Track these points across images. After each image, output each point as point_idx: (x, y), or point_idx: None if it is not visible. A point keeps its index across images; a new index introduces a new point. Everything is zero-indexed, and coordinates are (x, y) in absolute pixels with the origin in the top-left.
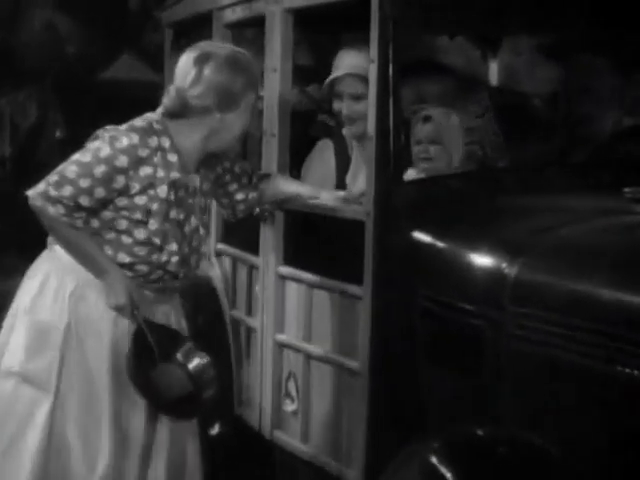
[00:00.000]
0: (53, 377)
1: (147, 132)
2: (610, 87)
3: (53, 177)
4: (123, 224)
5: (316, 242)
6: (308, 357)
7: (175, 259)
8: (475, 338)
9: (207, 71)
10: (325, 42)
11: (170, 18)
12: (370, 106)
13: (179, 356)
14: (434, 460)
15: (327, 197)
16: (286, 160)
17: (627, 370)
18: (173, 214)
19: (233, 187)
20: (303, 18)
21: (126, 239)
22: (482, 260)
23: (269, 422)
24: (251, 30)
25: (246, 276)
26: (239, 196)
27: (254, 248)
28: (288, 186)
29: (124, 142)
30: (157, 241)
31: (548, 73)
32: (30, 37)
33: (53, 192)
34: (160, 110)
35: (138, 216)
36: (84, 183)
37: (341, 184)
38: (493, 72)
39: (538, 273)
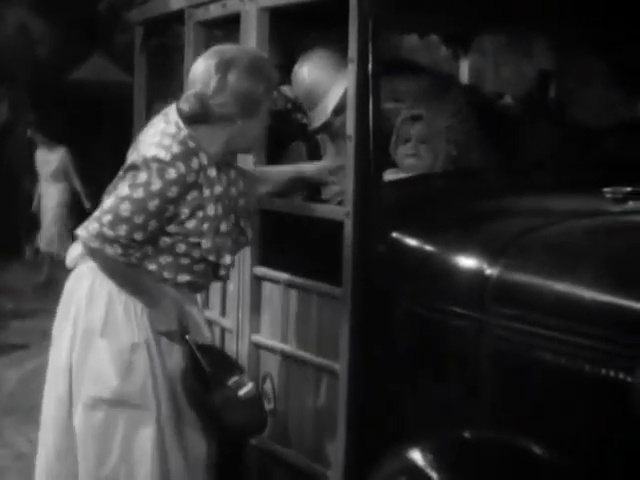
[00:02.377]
0: (149, 394)
1: (188, 156)
2: (592, 87)
3: (106, 217)
4: (182, 247)
5: (293, 242)
6: (285, 357)
7: (229, 269)
8: (457, 339)
9: (231, 79)
10: (294, 41)
11: (140, 16)
12: (349, 106)
13: (231, 382)
14: (420, 462)
15: (310, 168)
16: (262, 158)
17: (608, 369)
18: (223, 227)
19: None
20: (273, 16)
21: (184, 260)
22: (464, 261)
23: None
24: (220, 29)
25: None
26: None
27: None
28: (266, 181)
29: (172, 174)
30: (212, 258)
31: (523, 72)
32: (2, 38)
33: (109, 232)
34: (177, 116)
35: (193, 239)
36: (138, 219)
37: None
38: (464, 71)
39: (520, 273)
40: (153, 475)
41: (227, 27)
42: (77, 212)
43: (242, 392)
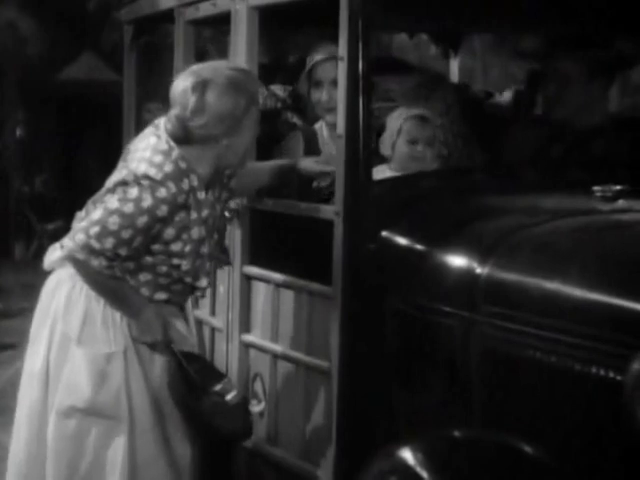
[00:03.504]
0: (123, 405)
1: (179, 177)
2: (582, 86)
3: (93, 229)
4: (163, 269)
5: (283, 241)
6: (275, 357)
7: (205, 290)
8: (447, 337)
9: (209, 99)
10: (284, 41)
11: (129, 15)
12: (340, 104)
13: (218, 388)
14: (410, 461)
15: (305, 163)
16: (252, 159)
17: (599, 368)
18: (204, 249)
19: None
20: (264, 16)
21: (163, 280)
22: (454, 260)
23: None
24: (209, 28)
25: None
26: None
27: None
28: (260, 174)
29: (163, 192)
30: (188, 280)
31: (512, 72)
32: None
33: (96, 244)
34: (167, 136)
35: (175, 261)
36: (126, 234)
37: None
38: (454, 70)
39: (510, 272)
40: None
41: (217, 26)
42: None
43: (229, 397)
